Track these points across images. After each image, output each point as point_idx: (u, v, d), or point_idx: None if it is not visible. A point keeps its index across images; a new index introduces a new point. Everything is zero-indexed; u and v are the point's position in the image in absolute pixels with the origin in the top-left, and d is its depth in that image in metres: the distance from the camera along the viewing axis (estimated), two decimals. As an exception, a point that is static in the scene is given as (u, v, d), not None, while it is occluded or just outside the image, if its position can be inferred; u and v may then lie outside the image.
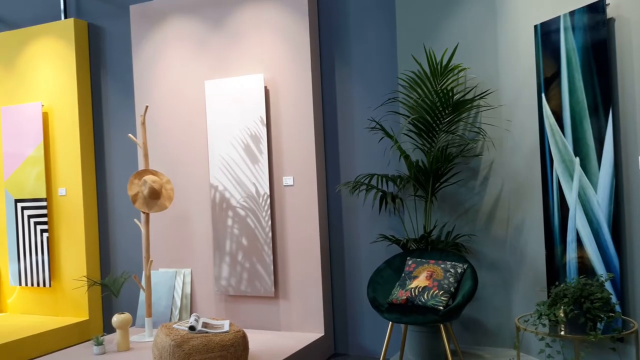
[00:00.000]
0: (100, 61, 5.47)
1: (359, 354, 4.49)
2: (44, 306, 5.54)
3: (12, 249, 5.58)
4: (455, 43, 3.94)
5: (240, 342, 3.62)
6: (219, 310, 4.79)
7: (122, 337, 4.24)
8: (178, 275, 4.93)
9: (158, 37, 5.01)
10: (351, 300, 4.52)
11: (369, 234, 4.40)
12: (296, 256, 4.50)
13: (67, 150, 5.38)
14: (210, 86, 4.74)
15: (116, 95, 5.40)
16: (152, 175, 4.58)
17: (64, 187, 5.40)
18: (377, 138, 4.30)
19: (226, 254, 4.70)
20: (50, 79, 5.47)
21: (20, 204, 5.55)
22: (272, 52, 4.56)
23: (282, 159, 4.55)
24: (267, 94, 4.57)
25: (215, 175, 4.73)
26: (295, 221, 4.50)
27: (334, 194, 4.55)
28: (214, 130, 4.73)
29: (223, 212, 4.71)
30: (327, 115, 4.57)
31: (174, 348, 3.48)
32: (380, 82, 4.35)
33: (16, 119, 5.54)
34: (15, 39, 5.64)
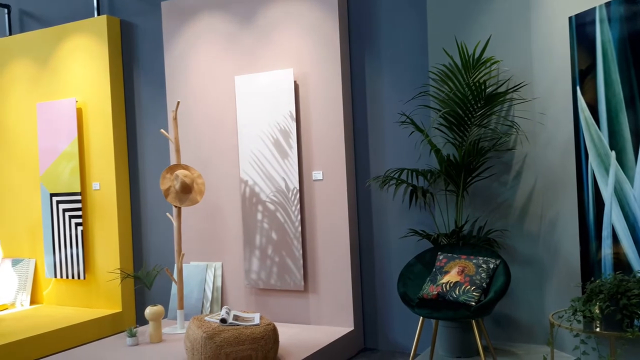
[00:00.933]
0: (133, 57, 5.54)
1: (389, 349, 4.48)
2: (79, 298, 5.66)
3: (48, 242, 5.71)
4: (487, 35, 3.89)
5: (270, 335, 3.65)
6: (249, 303, 4.83)
7: (155, 328, 4.31)
8: (209, 269, 4.99)
9: (189, 33, 5.06)
10: (381, 295, 4.51)
11: (399, 228, 4.39)
12: (325, 250, 4.51)
13: (101, 145, 5.48)
14: (240, 82, 4.76)
15: (148, 90, 5.47)
16: (184, 169, 4.63)
17: (97, 182, 5.50)
18: (407, 132, 4.27)
19: (256, 247, 4.74)
20: (84, 75, 5.57)
21: (55, 198, 5.67)
22: (301, 46, 4.56)
23: (311, 154, 4.55)
24: (297, 88, 4.58)
25: (245, 169, 4.76)
26: (324, 215, 4.51)
27: (364, 189, 4.54)
28: (244, 125, 4.76)
29: (253, 207, 4.74)
30: (356, 109, 4.56)
31: (206, 340, 3.52)
32: (411, 76, 4.32)
33: (51, 114, 5.66)
34: (49, 36, 5.76)
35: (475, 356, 3.76)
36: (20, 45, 5.95)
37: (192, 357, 3.63)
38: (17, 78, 5.98)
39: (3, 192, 6.11)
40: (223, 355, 3.51)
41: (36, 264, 5.90)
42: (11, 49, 6.01)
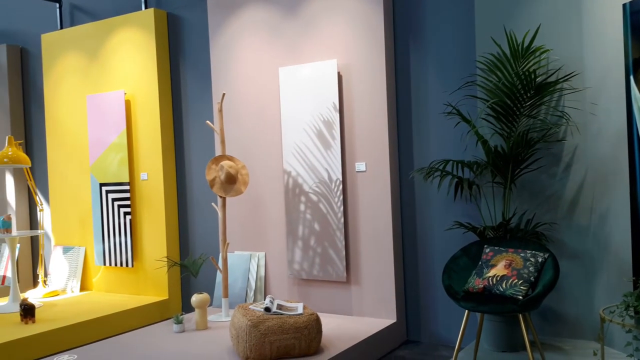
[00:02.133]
0: (179, 50, 5.63)
1: (432, 342, 4.46)
2: (127, 285, 5.81)
3: (97, 231, 5.88)
4: (537, 24, 3.80)
5: (313, 325, 3.67)
6: (292, 293, 4.87)
7: (201, 316, 4.39)
8: (253, 258, 5.05)
9: (234, 25, 5.11)
10: (424, 288, 4.48)
11: (443, 221, 4.34)
12: (368, 242, 4.50)
13: (149, 136, 5.59)
14: (284, 73, 4.79)
15: (194, 82, 5.55)
16: (229, 160, 4.69)
17: (145, 172, 5.63)
18: (452, 123, 4.22)
19: (299, 238, 4.76)
20: (132, 67, 5.69)
21: (104, 187, 5.83)
22: (345, 37, 4.55)
23: (354, 145, 4.54)
24: (340, 79, 4.57)
25: (288, 161, 4.79)
26: (367, 207, 4.50)
27: (407, 180, 4.51)
28: (287, 117, 4.79)
29: (296, 198, 4.77)
30: (400, 100, 4.52)
31: (251, 328, 3.57)
32: (457, 66, 4.26)
33: (101, 106, 5.81)
34: (99, 29, 5.90)
35: (521, 351, 3.70)
36: (70, 39, 6.12)
37: (237, 344, 3.69)
38: (68, 71, 6.15)
39: (55, 182, 6.32)
40: (267, 344, 3.56)
41: (86, 252, 6.08)
42: (62, 42, 6.18)
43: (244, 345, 3.58)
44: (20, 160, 5.48)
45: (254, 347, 3.55)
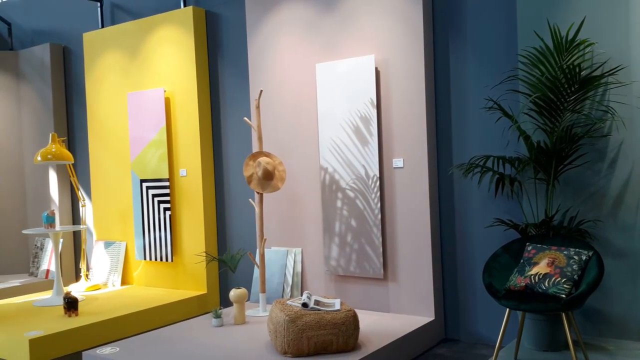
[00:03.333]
0: (217, 47, 5.69)
1: (471, 340, 4.40)
2: (166, 280, 5.90)
3: (138, 226, 5.99)
4: (581, 16, 3.70)
5: (351, 321, 3.66)
6: (329, 289, 4.87)
7: (239, 310, 4.43)
8: (289, 254, 5.07)
9: (271, 22, 5.13)
10: (463, 285, 4.42)
11: (483, 218, 4.28)
12: (406, 239, 4.47)
13: (187, 133, 5.67)
14: (321, 69, 4.78)
15: (232, 79, 5.60)
16: (266, 157, 4.72)
17: (184, 168, 5.70)
18: (493, 118, 4.15)
19: (335, 234, 4.76)
20: (171, 65, 5.76)
21: (145, 183, 5.93)
22: (383, 32, 4.52)
23: (392, 141, 4.51)
24: (378, 75, 4.54)
25: (325, 157, 4.79)
26: (405, 203, 4.46)
27: (446, 176, 4.46)
28: (324, 113, 4.78)
29: (333, 194, 4.76)
30: (439, 95, 4.47)
31: (288, 323, 3.58)
32: (498, 60, 4.18)
33: (141, 104, 5.91)
34: (139, 28, 6.00)
35: (563, 350, 3.62)
36: (111, 37, 6.24)
37: (275, 339, 3.71)
38: (109, 69, 6.28)
39: (97, 178, 6.46)
40: (305, 339, 3.57)
41: (127, 247, 6.20)
42: (103, 41, 6.31)
43: (282, 340, 3.60)
44: (63, 157, 5.61)
45: (291, 342, 3.56)
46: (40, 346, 4.31)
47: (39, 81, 6.95)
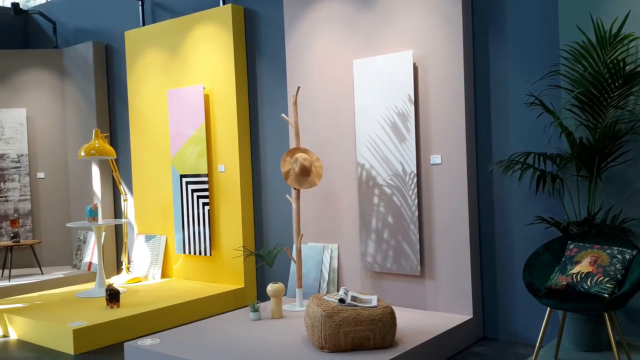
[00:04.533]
0: (255, 44, 5.74)
1: (510, 339, 4.34)
2: (204, 273, 6.00)
3: (178, 220, 6.10)
4: (625, 10, 3.60)
5: (388, 318, 3.66)
6: (365, 285, 4.88)
7: (276, 305, 4.48)
8: (326, 250, 5.09)
9: (309, 19, 5.14)
10: (502, 283, 4.37)
11: (523, 215, 4.21)
12: (443, 236, 4.44)
13: (226, 129, 5.74)
14: (358, 65, 4.78)
15: (269, 76, 5.64)
16: (303, 153, 4.74)
17: (222, 164, 5.78)
18: (534, 114, 4.08)
19: (372, 231, 4.76)
20: (210, 62, 5.84)
21: (184, 179, 6.03)
22: (422, 27, 4.48)
23: (430, 137, 4.48)
24: (416, 70, 4.52)
25: (362, 153, 4.79)
26: (443, 200, 4.43)
27: (485, 173, 4.40)
28: (361, 109, 4.78)
29: (369, 190, 4.76)
30: (478, 90, 4.42)
31: (325, 318, 3.60)
32: (539, 55, 4.11)
33: (181, 100, 6.01)
34: (179, 26, 6.09)
35: (605, 351, 3.55)
36: (152, 35, 6.36)
37: (312, 334, 3.74)
38: (150, 66, 6.40)
39: (138, 173, 6.60)
40: (342, 335, 3.58)
41: (167, 241, 6.33)
42: (144, 39, 6.44)
43: (319, 335, 3.62)
44: (106, 152, 5.76)
45: (328, 337, 3.59)
46: (84, 336, 4.45)
47: (82, 78, 7.14)
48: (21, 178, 7.20)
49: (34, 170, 7.29)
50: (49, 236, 7.30)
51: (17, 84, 7.30)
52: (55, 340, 4.53)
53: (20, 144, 7.20)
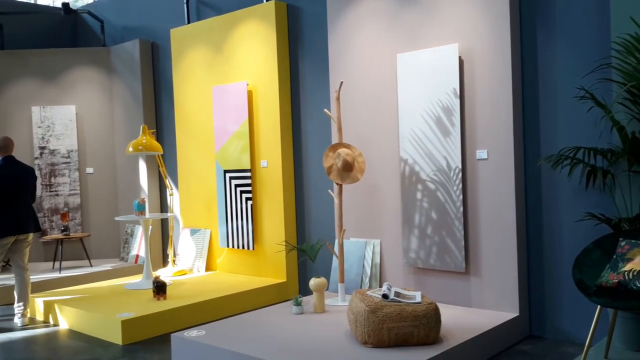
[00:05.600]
0: (298, 40, 5.76)
1: (557, 338, 4.25)
2: (247, 267, 6.07)
3: (222, 214, 6.19)
4: (684, -2, 3.47)
5: (432, 314, 3.63)
6: (407, 281, 4.85)
7: (318, 299, 4.49)
8: (368, 245, 5.08)
9: (352, 14, 5.13)
10: (549, 281, 4.28)
11: (573, 212, 4.11)
12: (489, 232, 4.37)
13: (268, 125, 5.79)
14: (402, 59, 4.74)
15: (312, 71, 5.66)
16: (346, 148, 4.74)
17: (265, 160, 5.83)
18: (584, 108, 3.97)
19: (415, 226, 4.72)
20: (254, 59, 5.90)
21: (228, 174, 6.12)
22: (467, 20, 4.41)
23: (475, 132, 4.42)
24: (462, 64, 4.45)
25: (405, 148, 4.75)
26: (488, 196, 4.36)
27: (533, 168, 4.31)
28: (404, 104, 4.74)
29: (412, 186, 4.73)
30: (526, 84, 4.32)
31: (369, 314, 3.60)
32: (590, 47, 3.99)
33: (225, 97, 6.09)
34: (223, 23, 6.17)
35: (659, 353, 3.44)
36: (197, 33, 6.45)
37: (355, 329, 3.74)
38: (195, 63, 6.50)
39: (183, 168, 6.73)
40: (385, 330, 3.57)
41: (211, 234, 6.43)
42: (189, 36, 6.54)
43: (362, 330, 3.62)
44: (153, 148, 5.88)
45: (372, 332, 3.58)
46: (132, 327, 4.56)
47: (129, 76, 7.31)
48: (71, 173, 7.43)
49: (83, 166, 7.51)
50: (97, 229, 7.52)
51: (66, 81, 7.53)
52: (104, 331, 4.67)
53: (70, 140, 7.43)
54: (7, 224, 5.10)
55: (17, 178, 5.20)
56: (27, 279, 5.27)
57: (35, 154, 7.36)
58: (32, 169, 5.40)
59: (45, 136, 7.38)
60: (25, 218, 5.21)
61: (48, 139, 7.38)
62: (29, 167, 5.36)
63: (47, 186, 7.38)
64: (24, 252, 5.27)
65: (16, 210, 5.15)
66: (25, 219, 5.20)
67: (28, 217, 5.24)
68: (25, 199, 5.26)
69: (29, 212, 5.27)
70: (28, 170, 5.32)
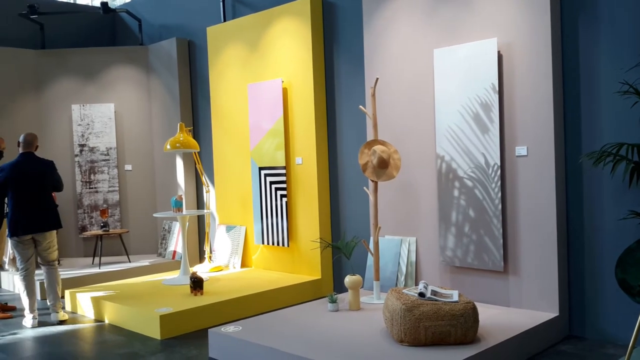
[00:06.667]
0: (333, 36, 5.74)
1: (598, 338, 4.15)
2: (282, 264, 6.10)
3: (257, 211, 6.23)
4: None
5: (470, 314, 3.59)
6: (444, 280, 4.79)
7: (354, 297, 4.48)
8: (403, 243, 5.04)
9: (388, 9, 5.09)
10: (591, 281, 4.17)
11: (615, 210, 4.00)
12: (529, 231, 4.28)
13: (303, 122, 5.79)
14: (439, 55, 4.68)
15: (347, 68, 5.63)
16: (381, 145, 4.71)
17: (300, 157, 5.84)
18: (628, 103, 3.85)
19: (452, 224, 4.66)
20: (288, 56, 5.91)
21: (263, 171, 6.15)
22: (507, 14, 4.33)
23: (514, 128, 4.33)
24: (500, 59, 4.37)
25: (441, 145, 4.70)
26: (528, 193, 4.27)
27: (574, 165, 4.21)
28: (441, 100, 4.68)
29: (449, 183, 4.67)
30: (567, 79, 4.22)
31: (405, 312, 3.57)
32: (633, 41, 3.86)
33: (260, 94, 6.12)
34: (258, 20, 6.19)
35: None
36: (233, 31, 6.50)
37: (391, 327, 3.72)
38: (230, 61, 6.55)
39: (219, 166, 6.79)
40: (422, 329, 3.54)
41: (246, 231, 6.47)
42: (225, 34, 6.59)
43: (399, 329, 3.60)
44: (190, 145, 5.95)
45: (408, 331, 3.56)
46: (170, 322, 4.63)
47: (166, 74, 7.41)
48: (110, 170, 7.58)
49: (122, 163, 7.65)
50: (135, 226, 7.65)
51: (105, 80, 7.67)
52: (143, 325, 4.75)
53: (109, 138, 7.57)
54: (19, 222, 4.98)
55: (31, 176, 5.03)
56: (53, 274, 5.16)
57: (75, 152, 7.53)
58: (50, 162, 5.24)
59: (85, 134, 7.54)
60: (40, 216, 5.04)
61: (88, 136, 7.55)
62: (47, 162, 5.20)
63: (86, 183, 7.54)
64: (46, 249, 5.12)
65: (30, 209, 5.01)
66: (40, 217, 5.04)
67: (44, 214, 5.07)
68: (43, 196, 5.09)
69: (46, 210, 5.10)
70: (46, 165, 5.15)
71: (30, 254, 5.13)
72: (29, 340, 4.71)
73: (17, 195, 5.02)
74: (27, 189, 5.04)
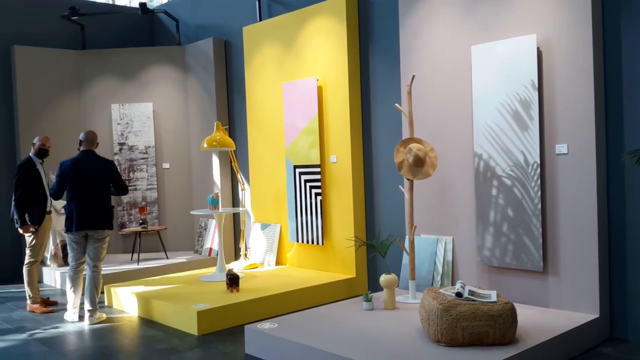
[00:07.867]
0: (368, 34, 5.71)
1: (642, 342, 4.04)
2: (316, 262, 6.11)
3: (292, 209, 6.25)
4: None
5: (509, 314, 3.53)
6: (481, 280, 4.73)
7: (389, 296, 4.46)
8: (439, 242, 4.99)
9: (424, 6, 5.04)
10: (633, 281, 4.05)
11: (660, 209, 3.88)
12: (569, 230, 4.19)
13: (338, 120, 5.78)
14: (477, 51, 4.61)
15: (382, 65, 5.60)
16: (417, 143, 4.67)
17: (335, 155, 5.84)
18: (674, 100, 3.74)
19: (490, 224, 4.59)
20: (323, 54, 5.91)
21: (298, 169, 6.16)
22: (546, 10, 4.24)
23: (555, 126, 4.24)
24: (540, 55, 4.28)
25: (479, 143, 4.63)
26: (569, 192, 4.18)
27: (616, 164, 4.10)
28: (479, 97, 4.62)
29: (487, 181, 4.60)
30: (609, 75, 4.11)
31: (442, 312, 3.54)
32: (682, 35, 3.75)
33: (295, 93, 6.13)
34: (293, 20, 6.21)
35: None
36: (268, 30, 6.53)
37: (427, 327, 3.69)
38: (266, 60, 6.59)
39: (254, 164, 6.84)
40: (459, 329, 3.50)
41: (281, 229, 6.51)
42: (261, 34, 6.63)
43: (435, 329, 3.57)
44: (226, 144, 6.01)
45: (445, 331, 3.52)
46: (207, 318, 4.69)
47: (203, 73, 7.50)
48: (148, 168, 7.72)
49: (160, 161, 7.77)
50: (173, 223, 7.77)
51: (144, 79, 7.81)
52: (181, 321, 4.82)
53: (148, 136, 7.71)
54: (73, 219, 4.99)
55: (89, 173, 5.05)
56: (95, 278, 5.09)
57: (114, 150, 7.68)
58: (110, 161, 5.28)
59: (124, 132, 7.69)
60: (94, 214, 5.03)
61: (127, 135, 7.69)
62: (107, 161, 5.23)
63: (126, 181, 7.68)
64: (94, 248, 5.10)
65: (86, 205, 5.00)
66: (94, 215, 5.03)
67: (98, 213, 5.05)
68: (100, 194, 5.09)
69: (100, 208, 5.08)
70: (105, 164, 5.16)
71: (82, 252, 5.15)
72: (71, 334, 4.83)
73: (74, 192, 5.06)
74: (85, 185, 5.06)
